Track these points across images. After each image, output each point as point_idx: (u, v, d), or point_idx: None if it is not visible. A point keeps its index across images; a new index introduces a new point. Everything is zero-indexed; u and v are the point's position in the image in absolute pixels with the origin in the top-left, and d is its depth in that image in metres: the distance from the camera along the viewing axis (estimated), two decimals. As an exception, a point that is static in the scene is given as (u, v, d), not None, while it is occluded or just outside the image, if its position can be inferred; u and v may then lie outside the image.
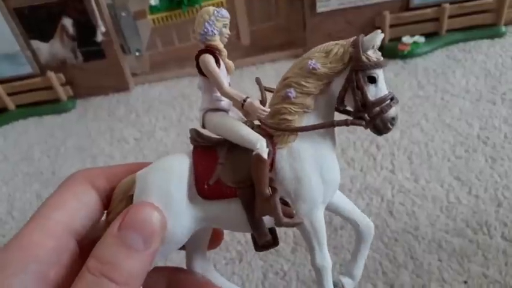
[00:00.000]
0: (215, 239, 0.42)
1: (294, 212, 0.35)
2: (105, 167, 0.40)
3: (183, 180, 0.35)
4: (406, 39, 1.02)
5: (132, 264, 0.30)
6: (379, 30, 0.34)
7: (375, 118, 0.34)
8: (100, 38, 1.01)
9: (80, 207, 0.35)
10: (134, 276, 0.30)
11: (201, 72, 0.35)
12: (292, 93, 0.35)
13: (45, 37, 1.02)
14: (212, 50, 0.35)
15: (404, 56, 1.02)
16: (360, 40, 0.34)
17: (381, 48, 0.37)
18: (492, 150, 0.76)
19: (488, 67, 0.96)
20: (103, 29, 1.00)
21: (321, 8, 1.01)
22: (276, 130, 0.36)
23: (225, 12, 0.35)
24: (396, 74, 0.99)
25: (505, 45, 1.01)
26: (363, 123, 0.34)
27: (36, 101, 1.09)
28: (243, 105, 0.34)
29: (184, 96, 1.05)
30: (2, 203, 0.86)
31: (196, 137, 0.37)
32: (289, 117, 0.35)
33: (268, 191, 0.34)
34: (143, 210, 0.32)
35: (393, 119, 0.34)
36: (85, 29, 1.01)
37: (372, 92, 0.34)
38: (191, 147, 0.37)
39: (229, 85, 0.36)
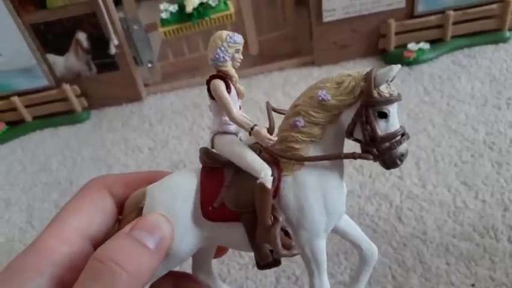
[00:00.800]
0: (220, 249, 0.43)
1: (293, 243, 0.35)
2: (121, 174, 0.41)
3: (189, 200, 0.36)
4: (411, 46, 1.04)
5: (142, 259, 0.30)
6: (393, 65, 0.32)
7: (383, 153, 0.33)
8: (113, 50, 1.04)
9: (97, 212, 0.36)
10: (143, 271, 0.30)
11: (211, 96, 0.35)
12: (300, 122, 0.35)
13: (61, 51, 1.06)
14: (223, 76, 0.35)
15: (409, 63, 1.04)
16: (372, 74, 0.32)
17: (387, 55, 0.36)
18: (498, 155, 0.78)
19: (493, 72, 0.98)
20: (115, 42, 1.03)
21: (327, 17, 1.03)
22: (282, 158, 0.36)
23: (237, 37, 0.35)
24: (403, 81, 1.01)
25: (510, 50, 1.03)
26: (371, 157, 0.34)
27: (52, 113, 1.12)
28: (250, 132, 0.34)
29: (196, 105, 1.08)
30: (22, 212, 0.89)
31: (205, 157, 0.37)
32: (297, 146, 0.35)
33: (270, 220, 0.34)
34: (156, 217, 0.33)
35: (402, 155, 0.33)
36: (99, 42, 1.04)
37: (382, 127, 0.33)
38: None
39: (240, 108, 0.36)
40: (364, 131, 0.33)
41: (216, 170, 0.36)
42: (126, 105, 1.13)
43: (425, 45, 1.04)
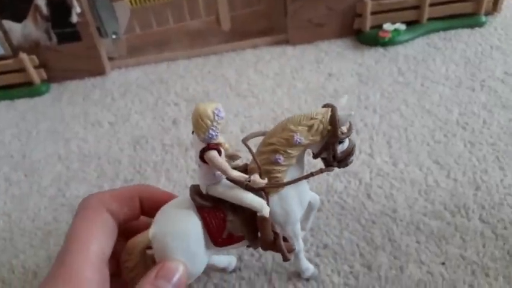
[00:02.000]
0: None
1: (291, 244, 0.49)
2: (111, 190, 0.45)
3: (200, 239, 0.44)
4: (387, 26, 1.02)
5: None
6: (352, 112, 0.43)
7: (341, 164, 0.46)
8: (75, 19, 0.98)
9: (107, 235, 0.39)
10: None
11: (203, 160, 0.41)
12: (281, 159, 0.44)
13: (18, 17, 0.99)
14: (216, 147, 0.40)
15: (384, 43, 1.01)
16: (337, 118, 0.42)
17: (362, 35, 0.46)
18: (471, 135, 0.76)
19: (468, 55, 0.96)
20: (78, 9, 0.97)
21: (302, -7, 1.00)
22: (269, 188, 0.45)
23: (222, 112, 0.39)
24: (377, 61, 0.98)
25: (485, 35, 1.02)
26: (333, 169, 0.46)
27: (8, 84, 1.05)
28: (247, 184, 0.42)
29: (162, 81, 1.03)
30: (-31, 186, 0.82)
31: (198, 199, 0.44)
32: (279, 175, 0.45)
33: (271, 236, 0.45)
34: (175, 264, 0.39)
35: (352, 159, 0.46)
36: (60, 9, 0.97)
37: (340, 149, 0.45)
38: (166, 131, 0.54)
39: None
40: (328, 154, 0.44)
41: (213, 208, 0.44)
42: (88, 79, 1.07)
43: (401, 26, 1.02)
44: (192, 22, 1.14)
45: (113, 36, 1.05)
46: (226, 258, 0.59)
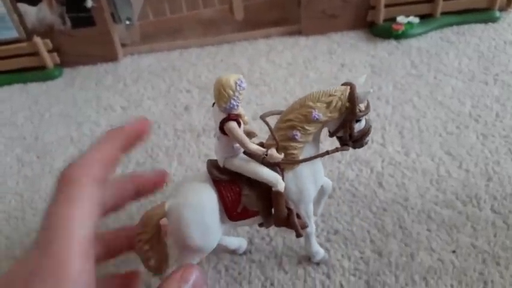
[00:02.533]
0: None
1: (304, 221, 0.49)
2: (88, 154, 0.36)
3: (215, 211, 0.44)
4: (401, 19, 1.02)
5: None
6: (370, 90, 0.43)
7: (357, 144, 0.46)
8: (89, 3, 0.98)
9: (93, 212, 0.34)
10: None
11: (222, 132, 0.41)
12: (298, 135, 0.44)
13: (33, 1, 0.99)
14: (235, 118, 0.41)
15: (398, 36, 1.01)
16: (355, 96, 0.42)
17: (375, 28, 0.46)
18: (483, 127, 0.76)
19: (481, 49, 0.96)
20: (93, -6, 0.97)
21: (316, -16, 1.00)
22: (285, 164, 0.45)
23: (244, 83, 0.40)
24: (390, 53, 0.98)
25: (499, 30, 1.01)
26: (348, 148, 0.46)
27: (21, 68, 1.06)
28: (263, 158, 0.43)
29: (174, 68, 1.03)
30: (-18, 165, 0.83)
31: (215, 172, 0.44)
32: (295, 152, 0.45)
33: (285, 212, 0.45)
34: (194, 270, 0.36)
35: (367, 140, 0.46)
36: (75, -6, 0.98)
37: (357, 128, 0.45)
38: (178, 117, 0.52)
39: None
40: (345, 133, 0.44)
41: (229, 182, 0.45)
42: (101, 65, 1.08)
43: (414, 19, 1.02)
44: (205, 10, 1.14)
45: (127, 22, 1.05)
46: (237, 240, 0.60)
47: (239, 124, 0.41)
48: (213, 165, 0.45)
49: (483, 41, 0.98)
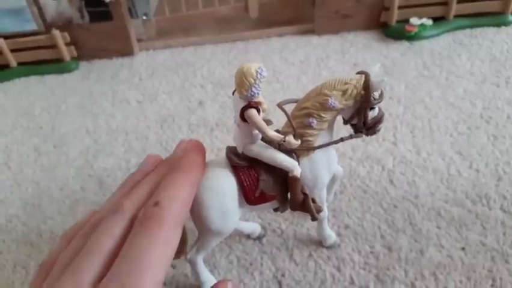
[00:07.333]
0: None
1: (320, 205, 0.50)
2: (182, 194, 0.36)
3: (234, 196, 0.46)
4: (414, 20, 1.02)
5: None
6: (385, 78, 0.44)
7: (370, 131, 0.47)
8: (107, -2, 1.00)
9: (170, 258, 0.33)
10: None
11: (243, 119, 0.42)
12: (314, 122, 0.45)
13: (53, -6, 1.01)
14: (255, 106, 0.42)
15: (410, 38, 1.02)
16: (370, 84, 0.43)
17: (388, 29, 0.47)
18: (494, 128, 0.77)
19: (493, 52, 0.96)
20: (111, -11, 0.99)
21: (331, -16, 1.01)
22: (301, 150, 0.47)
23: (265, 71, 0.41)
24: (402, 54, 0.99)
25: (511, 33, 1.02)
26: (362, 136, 0.48)
27: (39, 60, 1.08)
28: (281, 145, 0.45)
29: (189, 64, 1.05)
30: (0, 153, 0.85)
31: (234, 158, 0.46)
32: (311, 139, 0.47)
33: (301, 196, 0.47)
34: (228, 285, 0.35)
35: (380, 127, 0.48)
36: (94, -11, 1.00)
37: (371, 115, 0.46)
38: (192, 112, 0.57)
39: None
40: (359, 120, 0.46)
41: (247, 167, 0.46)
42: (117, 59, 1.10)
43: (427, 21, 1.03)
44: (221, 8, 1.16)
45: (144, 18, 1.07)
46: (251, 225, 0.62)
47: (258, 111, 0.42)
48: (231, 151, 0.47)
49: (495, 44, 0.99)
